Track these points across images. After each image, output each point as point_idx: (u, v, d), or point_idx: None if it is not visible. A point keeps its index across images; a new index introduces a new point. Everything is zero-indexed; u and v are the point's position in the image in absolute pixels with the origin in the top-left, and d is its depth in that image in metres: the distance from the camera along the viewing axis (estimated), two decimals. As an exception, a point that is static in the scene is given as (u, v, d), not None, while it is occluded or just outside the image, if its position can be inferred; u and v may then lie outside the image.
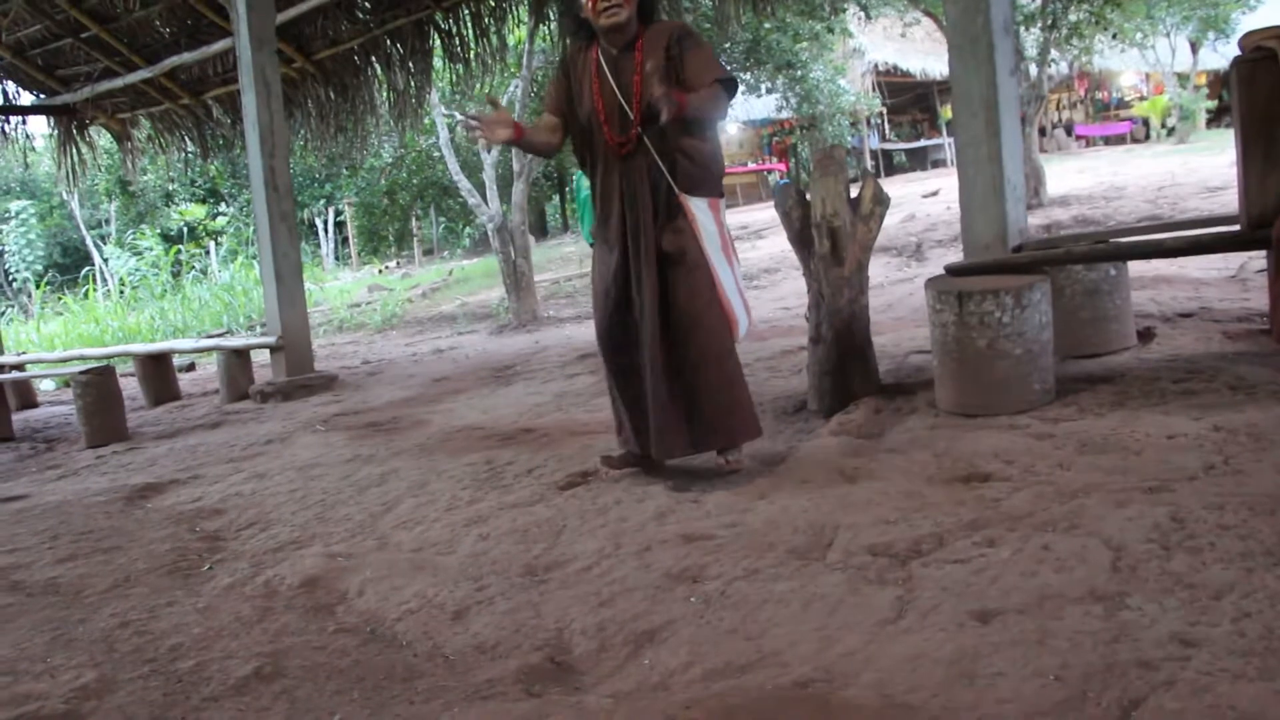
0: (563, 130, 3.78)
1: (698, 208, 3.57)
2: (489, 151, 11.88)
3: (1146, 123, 28.00)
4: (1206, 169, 14.83)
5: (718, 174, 3.71)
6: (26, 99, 11.08)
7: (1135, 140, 27.32)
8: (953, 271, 4.46)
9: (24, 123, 11.62)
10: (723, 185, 3.77)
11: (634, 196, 3.60)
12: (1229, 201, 4.26)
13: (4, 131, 11.40)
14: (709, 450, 3.67)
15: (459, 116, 13.56)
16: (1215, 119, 26.63)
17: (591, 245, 4.03)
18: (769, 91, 19.05)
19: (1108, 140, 27.63)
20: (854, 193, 4.41)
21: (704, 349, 3.55)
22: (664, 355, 3.56)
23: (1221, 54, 25.13)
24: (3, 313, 21.16)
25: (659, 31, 3.61)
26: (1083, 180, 16.36)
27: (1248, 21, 20.70)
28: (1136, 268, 5.89)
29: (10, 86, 10.95)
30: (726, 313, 3.59)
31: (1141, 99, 29.63)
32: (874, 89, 25.54)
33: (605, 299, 3.71)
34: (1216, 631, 1.96)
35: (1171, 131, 25.91)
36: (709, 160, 3.65)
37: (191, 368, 11.56)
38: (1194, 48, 25.92)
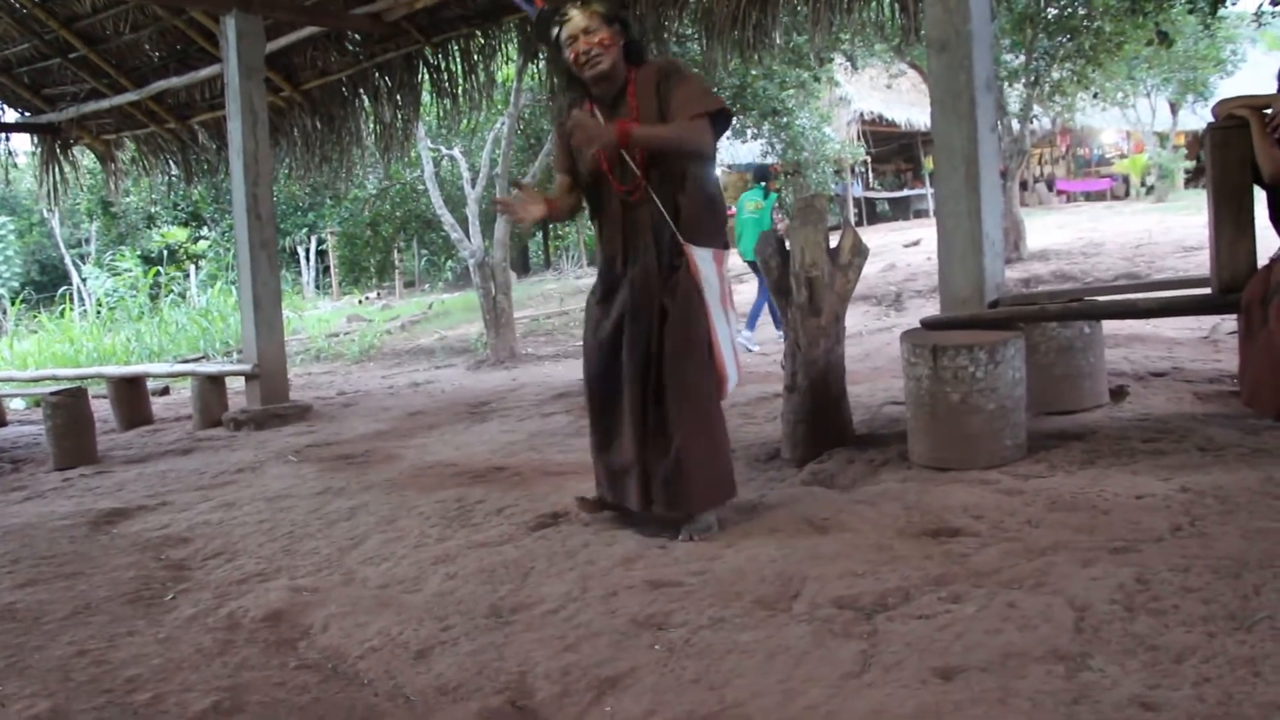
0: (578, 187, 3.70)
1: (701, 258, 3.45)
2: (472, 186, 11.92)
3: (1126, 180, 28.38)
4: (1183, 228, 15.05)
5: (719, 222, 3.59)
6: (11, 116, 11.06)
7: (1115, 197, 27.67)
8: (928, 325, 4.49)
9: (7, 139, 11.64)
10: (725, 235, 3.64)
11: (642, 246, 3.51)
12: (1203, 262, 4.32)
13: (-12, 148, 11.38)
14: (663, 511, 3.51)
15: (444, 151, 13.68)
16: (1193, 179, 27.05)
17: (749, 262, 4.01)
18: (754, 137, 19.20)
19: (1088, 196, 27.99)
20: (834, 242, 4.45)
21: (683, 413, 3.42)
22: (646, 410, 3.47)
23: (1200, 115, 25.49)
24: (-24, 329, 20.99)
25: (648, 73, 3.52)
26: (1062, 235, 16.56)
27: (1225, 86, 21.07)
28: (1111, 325, 5.95)
29: (-5, 103, 10.94)
30: (719, 371, 3.47)
31: (1122, 157, 30.06)
32: (859, 138, 25.80)
33: (598, 351, 3.62)
34: (1177, 695, 1.97)
35: (1151, 190, 26.29)
36: (708, 206, 3.53)
37: (165, 392, 11.47)
38: (1173, 109, 26.37)
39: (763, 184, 10.70)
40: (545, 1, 3.54)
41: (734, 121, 17.65)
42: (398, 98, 9.17)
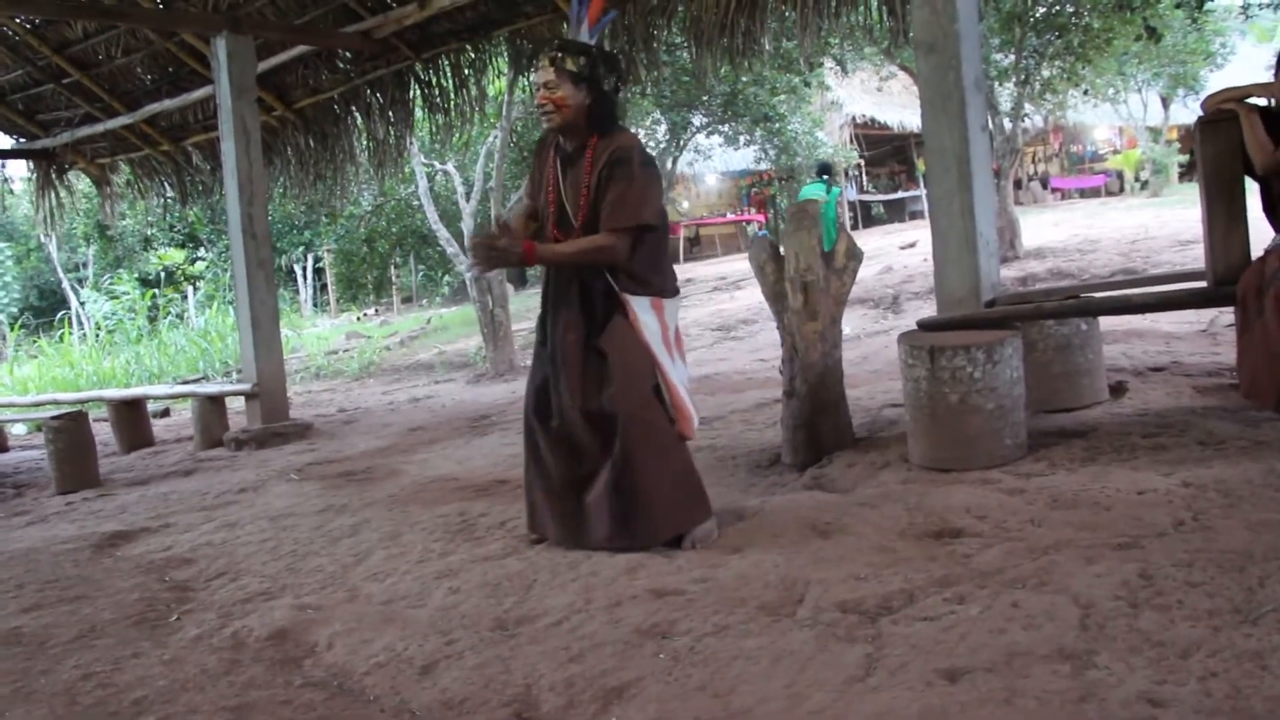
0: (538, 216, 3.72)
1: (639, 305, 3.48)
2: (467, 200, 11.93)
3: (1120, 176, 28.39)
4: (1178, 222, 15.05)
5: (659, 282, 3.57)
6: (6, 143, 11.10)
7: (1110, 193, 27.66)
8: (925, 326, 4.50)
9: (3, 166, 11.64)
10: (669, 287, 3.62)
11: (560, 295, 3.58)
12: (1200, 255, 4.33)
13: (-17, 174, 11.41)
14: (625, 545, 3.44)
15: (438, 166, 13.68)
16: (1186, 173, 27.04)
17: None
18: (747, 143, 19.22)
19: (1083, 193, 27.97)
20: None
21: (631, 447, 3.41)
22: (587, 450, 3.51)
23: (1192, 109, 25.53)
24: (-24, 356, 20.97)
25: (604, 148, 3.49)
26: (1058, 233, 16.57)
27: (1216, 79, 21.08)
28: (1109, 321, 5.95)
29: (-10, 131, 10.97)
30: (681, 409, 3.51)
31: (1115, 152, 30.06)
32: (852, 141, 25.82)
33: (532, 390, 3.75)
34: (1184, 691, 1.97)
35: (1145, 185, 26.31)
36: (646, 271, 3.52)
37: (166, 413, 11.46)
38: (1165, 103, 26.35)
39: (824, 178, 10.58)
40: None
41: (726, 128, 17.82)
42: (390, 114, 9.17)
